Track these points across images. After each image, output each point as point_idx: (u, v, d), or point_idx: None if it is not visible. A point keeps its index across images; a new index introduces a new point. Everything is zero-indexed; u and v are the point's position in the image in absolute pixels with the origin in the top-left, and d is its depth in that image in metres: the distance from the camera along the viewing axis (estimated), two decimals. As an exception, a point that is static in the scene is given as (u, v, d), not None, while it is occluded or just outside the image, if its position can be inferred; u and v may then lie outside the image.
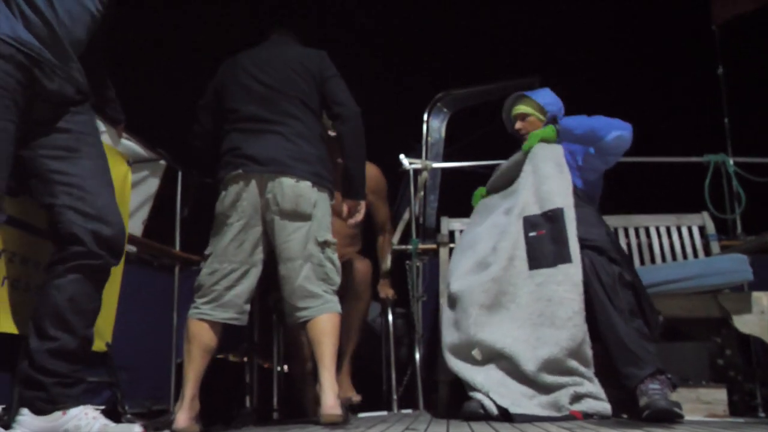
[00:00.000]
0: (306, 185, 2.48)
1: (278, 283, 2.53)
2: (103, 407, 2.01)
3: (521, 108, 3.01)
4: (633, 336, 2.32)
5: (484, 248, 2.66)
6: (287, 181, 2.46)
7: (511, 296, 2.47)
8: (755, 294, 2.66)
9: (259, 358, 3.67)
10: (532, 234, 2.54)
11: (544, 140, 2.72)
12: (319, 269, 2.47)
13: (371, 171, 3.20)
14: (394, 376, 3.26)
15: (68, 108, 1.98)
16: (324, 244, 2.50)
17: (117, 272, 2.60)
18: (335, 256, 2.56)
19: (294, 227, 2.47)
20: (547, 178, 2.60)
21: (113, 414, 2.61)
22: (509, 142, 2.89)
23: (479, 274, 2.58)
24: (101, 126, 2.46)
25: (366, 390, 3.21)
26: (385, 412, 2.91)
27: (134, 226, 2.99)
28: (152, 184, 3.18)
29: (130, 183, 2.72)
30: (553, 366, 2.32)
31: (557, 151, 2.68)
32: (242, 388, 3.58)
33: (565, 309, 2.35)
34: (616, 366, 2.34)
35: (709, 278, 2.67)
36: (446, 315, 2.62)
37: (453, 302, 2.60)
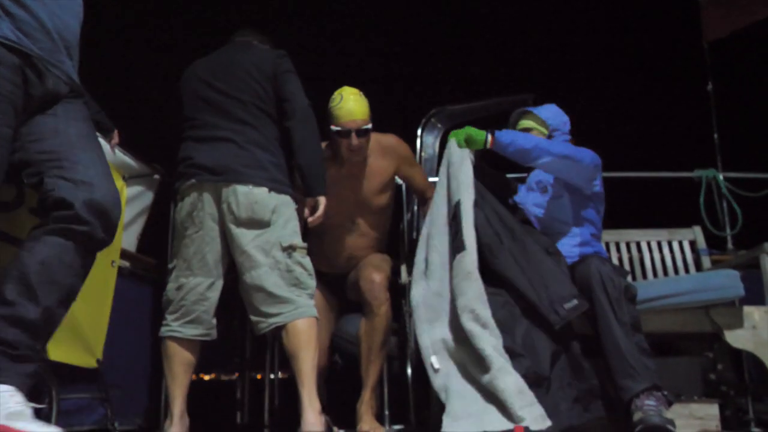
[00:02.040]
0: (262, 191, 2.41)
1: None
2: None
3: (524, 123, 3.01)
4: (633, 350, 2.33)
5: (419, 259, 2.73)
6: (241, 189, 2.40)
7: (443, 302, 2.53)
8: (747, 309, 2.67)
9: (250, 372, 3.64)
10: (451, 237, 2.60)
11: (469, 139, 2.73)
12: (288, 275, 2.40)
13: (388, 140, 2.99)
14: (386, 391, 3.25)
15: (61, 101, 1.90)
16: (290, 249, 2.42)
17: (109, 287, 2.60)
18: (306, 260, 2.47)
19: (253, 235, 2.40)
20: (453, 178, 2.67)
21: (103, 431, 2.60)
22: (501, 158, 2.89)
23: (422, 285, 2.63)
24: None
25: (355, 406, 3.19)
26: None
27: (128, 241, 2.99)
28: (146, 199, 3.18)
29: (125, 198, 2.72)
30: (477, 361, 2.33)
31: (463, 154, 2.70)
32: (233, 404, 3.56)
33: (461, 299, 2.39)
34: (613, 378, 2.34)
35: (701, 294, 2.67)
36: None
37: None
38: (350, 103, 2.81)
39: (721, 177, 3.86)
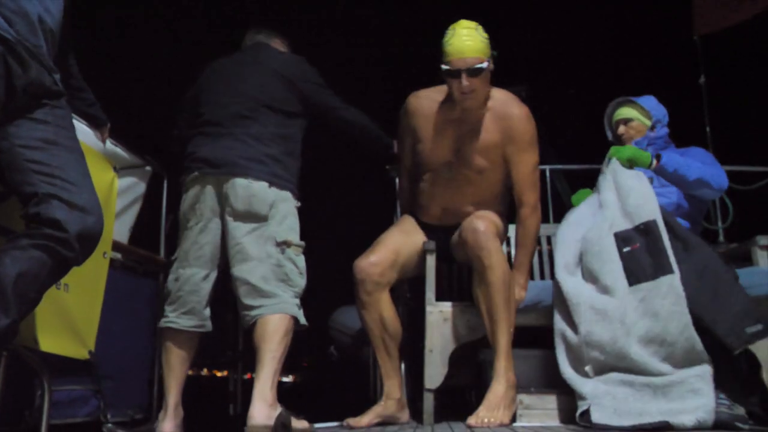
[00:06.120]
0: (261, 185, 2.42)
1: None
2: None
3: (625, 112, 2.93)
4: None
5: (571, 253, 2.64)
6: (240, 182, 2.41)
7: (618, 313, 2.42)
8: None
9: (243, 367, 3.64)
10: (626, 249, 2.49)
11: (633, 160, 2.65)
12: (277, 269, 2.39)
13: (511, 110, 2.65)
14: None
15: (46, 100, 1.86)
16: (284, 244, 2.42)
17: (101, 279, 2.58)
18: (299, 258, 2.46)
19: (248, 228, 2.41)
20: (631, 190, 2.57)
21: (96, 423, 2.59)
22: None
23: (582, 283, 2.55)
24: (87, 129, 2.44)
25: (353, 400, 3.19)
26: (335, 423, 2.69)
27: (120, 233, 2.97)
28: (138, 191, 3.16)
29: (116, 190, 2.70)
30: (669, 384, 2.30)
31: (640, 173, 2.64)
32: (226, 396, 3.56)
33: (675, 324, 2.32)
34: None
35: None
36: (558, 315, 2.58)
37: (562, 302, 2.57)
38: (460, 39, 2.51)
39: (713, 170, 3.87)
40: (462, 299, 2.87)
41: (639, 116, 2.90)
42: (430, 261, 2.81)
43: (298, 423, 2.36)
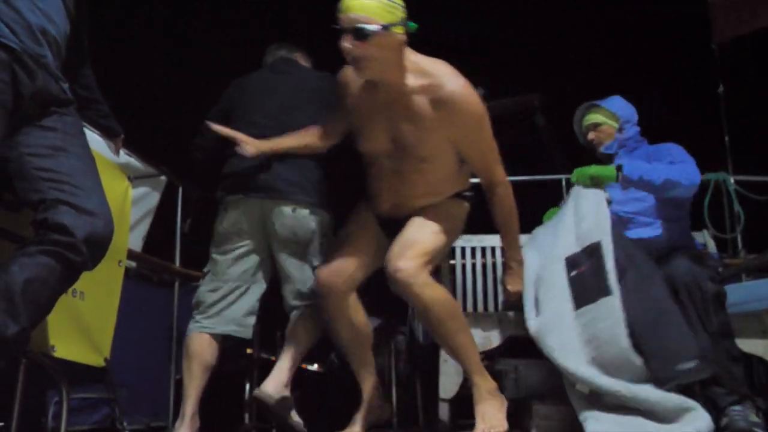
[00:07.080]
0: (303, 213, 2.50)
1: None
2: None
3: (592, 117, 2.88)
4: (722, 359, 2.28)
5: (531, 292, 2.58)
6: (286, 210, 2.49)
7: (567, 341, 2.37)
8: (756, 313, 2.64)
9: (258, 372, 3.64)
10: (573, 273, 2.44)
11: (596, 178, 2.58)
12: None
13: (448, 90, 2.22)
14: (394, 392, 3.23)
15: (54, 108, 1.85)
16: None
17: (116, 287, 2.60)
18: None
19: (290, 252, 2.52)
20: (586, 215, 2.52)
21: (111, 430, 2.60)
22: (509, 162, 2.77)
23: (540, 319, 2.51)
24: (101, 138, 2.46)
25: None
26: None
27: (134, 241, 3.00)
28: (152, 200, 3.19)
29: (130, 199, 2.72)
30: (656, 404, 2.22)
31: (598, 195, 2.57)
32: (241, 405, 3.56)
33: (613, 349, 2.26)
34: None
35: (751, 304, 2.57)
36: None
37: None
38: None
39: (731, 180, 3.83)
40: (465, 301, 2.87)
41: (606, 120, 2.85)
42: (444, 272, 2.81)
43: (296, 416, 2.48)
